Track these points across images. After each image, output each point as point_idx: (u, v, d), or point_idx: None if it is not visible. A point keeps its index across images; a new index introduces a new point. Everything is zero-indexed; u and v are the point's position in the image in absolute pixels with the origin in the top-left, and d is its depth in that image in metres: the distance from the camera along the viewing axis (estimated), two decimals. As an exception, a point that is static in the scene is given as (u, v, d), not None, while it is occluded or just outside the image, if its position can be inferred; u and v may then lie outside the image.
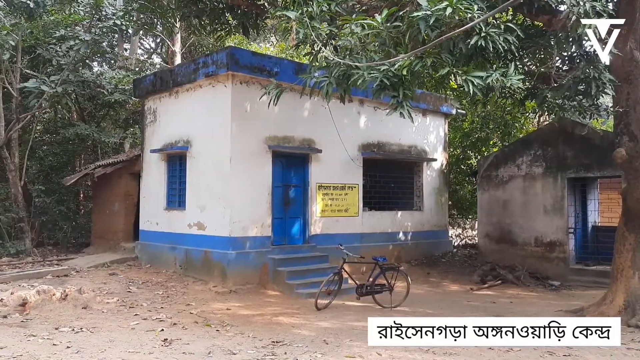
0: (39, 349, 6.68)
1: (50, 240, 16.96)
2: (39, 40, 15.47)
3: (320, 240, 12.73)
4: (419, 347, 7.08)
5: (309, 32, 6.99)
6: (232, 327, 8.31)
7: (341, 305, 10.04)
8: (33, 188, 16.64)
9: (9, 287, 10.32)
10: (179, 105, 13.18)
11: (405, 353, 6.85)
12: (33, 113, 15.39)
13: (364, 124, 14.11)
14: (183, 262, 12.41)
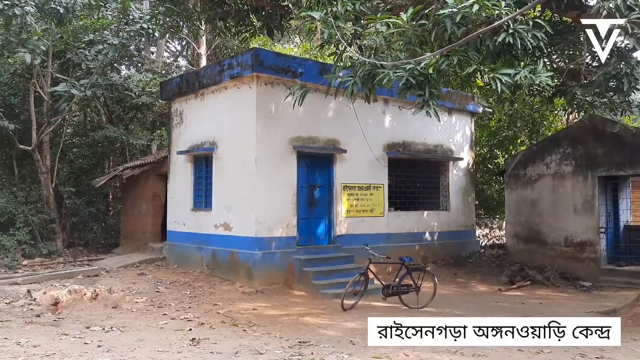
0: (71, 347, 6.82)
1: (81, 240, 17.28)
2: (68, 45, 15.80)
3: (345, 241, 12.70)
4: (447, 348, 7.01)
5: (333, 32, 6.98)
6: (258, 327, 8.36)
7: (367, 306, 10.00)
8: (64, 190, 16.99)
9: (41, 286, 10.56)
10: (205, 107, 13.31)
11: (432, 354, 6.79)
12: (63, 116, 15.73)
13: (388, 124, 14.03)
14: (210, 263, 12.53)
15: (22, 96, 16.43)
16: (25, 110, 16.01)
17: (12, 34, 13.87)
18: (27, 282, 11.08)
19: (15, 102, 16.47)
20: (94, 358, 6.31)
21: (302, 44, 23.34)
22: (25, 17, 13.45)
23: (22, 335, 7.37)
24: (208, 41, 22.43)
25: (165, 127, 19.21)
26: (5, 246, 13.70)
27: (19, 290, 10.31)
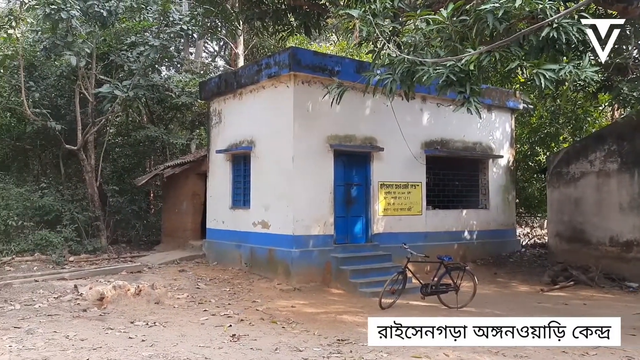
0: (116, 341, 7.02)
1: (124, 238, 17.76)
2: (111, 47, 16.23)
3: (383, 239, 12.65)
4: (488, 349, 6.93)
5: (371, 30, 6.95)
6: (297, 324, 8.41)
7: (405, 305, 9.94)
8: (107, 188, 17.47)
9: (87, 282, 10.91)
10: (243, 106, 13.47)
11: (473, 354, 6.71)
12: (107, 117, 16.17)
13: (426, 121, 13.90)
14: (248, 260, 12.68)
15: (68, 98, 16.98)
16: (71, 111, 16.53)
17: (59, 37, 14.35)
18: (73, 278, 11.46)
19: (61, 104, 17.05)
20: (138, 352, 6.47)
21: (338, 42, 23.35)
22: (70, 21, 13.90)
23: (70, 329, 7.63)
24: (245, 41, 22.68)
25: (204, 127, 19.55)
26: (53, 243, 14.19)
27: (67, 286, 10.68)
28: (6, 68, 15.40)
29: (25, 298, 9.74)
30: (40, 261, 13.48)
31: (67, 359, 6.15)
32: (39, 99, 15.77)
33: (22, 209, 14.80)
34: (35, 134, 16.95)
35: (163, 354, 6.38)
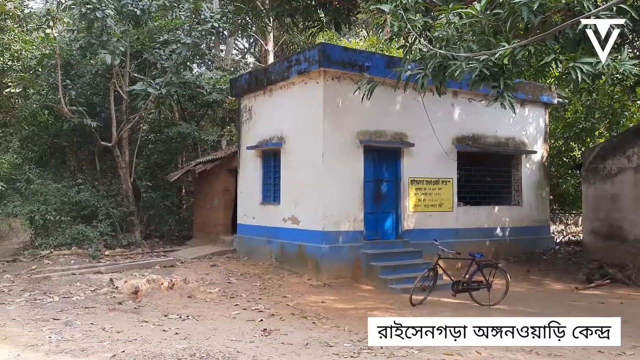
0: (151, 334, 7.18)
1: (157, 232, 18.08)
2: (144, 46, 16.51)
3: (413, 236, 12.57)
4: (521, 347, 6.83)
5: (403, 25, 6.90)
6: (327, 319, 8.44)
7: (436, 302, 9.86)
8: (141, 184, 17.83)
9: (122, 275, 11.15)
10: (273, 102, 13.54)
11: (506, 352, 6.63)
12: (140, 114, 16.46)
13: (458, 116, 13.73)
14: (278, 255, 12.77)
15: (103, 95, 17.36)
16: (106, 108, 16.89)
17: (94, 36, 14.67)
18: (109, 271, 11.74)
19: (96, 101, 17.44)
20: (172, 345, 6.60)
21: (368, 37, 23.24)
22: (105, 20, 14.19)
23: (107, 321, 7.83)
24: (275, 38, 22.78)
25: (234, 123, 19.73)
26: (89, 237, 14.56)
27: (102, 279, 10.94)
28: (44, 67, 15.81)
29: (64, 291, 10.03)
30: (77, 255, 13.85)
31: (104, 350, 6.30)
32: (76, 97, 16.16)
33: (59, 204, 15.23)
34: (72, 131, 17.40)
35: (196, 347, 6.49)
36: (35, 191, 15.58)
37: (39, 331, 7.16)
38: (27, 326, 7.46)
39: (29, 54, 16.52)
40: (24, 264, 13.08)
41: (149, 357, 6.06)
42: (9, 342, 6.61)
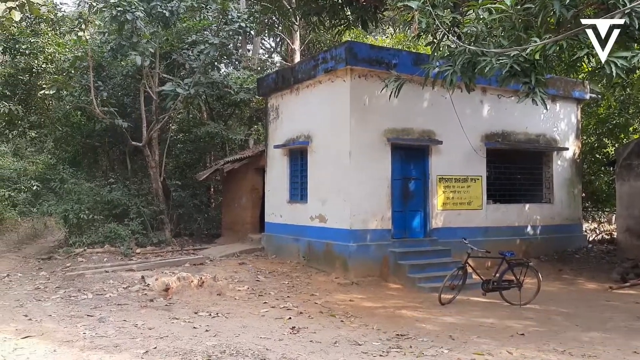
0: (181, 331, 7.29)
1: (186, 231, 18.32)
2: (173, 46, 16.74)
3: (441, 234, 12.46)
4: (554, 349, 6.70)
5: (431, 21, 6.83)
6: (355, 318, 8.43)
7: (466, 301, 9.75)
8: (170, 183, 18.08)
9: (153, 273, 11.34)
10: (300, 101, 13.58)
11: (538, 353, 6.51)
12: (170, 114, 16.70)
13: (487, 113, 13.54)
14: (306, 254, 12.80)
15: (133, 96, 17.67)
16: (136, 109, 17.19)
17: (124, 38, 14.94)
18: (140, 269, 11.94)
19: (127, 102, 17.77)
20: (202, 342, 6.69)
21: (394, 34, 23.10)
22: (135, 22, 14.43)
23: (139, 318, 7.98)
24: (301, 36, 22.81)
25: (261, 122, 19.86)
26: (121, 235, 14.85)
27: (134, 277, 11.14)
28: (76, 69, 16.17)
29: (97, 288, 10.25)
30: (110, 253, 14.13)
31: (136, 346, 6.43)
32: (107, 98, 16.49)
33: (92, 203, 15.55)
34: (103, 132, 17.76)
35: (226, 344, 6.56)
36: (69, 190, 15.95)
37: (74, 327, 7.34)
38: (62, 322, 7.65)
39: (62, 57, 16.94)
40: (59, 262, 13.42)
41: (180, 353, 6.15)
42: (46, 337, 6.79)
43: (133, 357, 6.05)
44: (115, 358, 6.00)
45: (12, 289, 10.26)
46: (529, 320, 8.51)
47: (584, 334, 7.63)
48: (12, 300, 9.14)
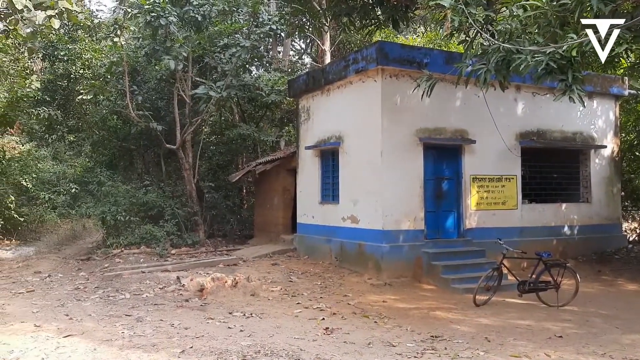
0: (216, 331, 7.39)
1: (220, 232, 18.54)
2: (205, 50, 16.96)
3: (475, 235, 12.30)
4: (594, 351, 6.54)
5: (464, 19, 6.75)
6: (389, 319, 8.40)
7: (501, 302, 9.60)
8: (204, 185, 18.32)
9: (188, 274, 11.52)
10: (331, 102, 13.60)
11: (577, 356, 6.38)
12: (203, 117, 16.94)
13: (521, 111, 13.30)
14: (338, 254, 12.81)
15: (167, 100, 17.99)
16: (170, 112, 17.49)
17: (158, 43, 15.24)
18: (176, 270, 12.15)
19: (161, 105, 18.09)
20: (237, 342, 6.77)
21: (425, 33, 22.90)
22: (169, 27, 14.71)
23: (175, 318, 8.12)
24: (331, 37, 22.83)
25: (292, 124, 19.95)
26: (157, 236, 15.13)
27: (170, 277, 11.35)
28: (112, 74, 16.56)
29: (134, 288, 10.48)
30: (146, 253, 14.42)
31: (173, 346, 6.55)
32: (142, 102, 16.81)
33: (129, 205, 15.90)
34: (139, 135, 18.13)
35: (260, 344, 6.63)
36: (106, 193, 16.35)
37: (113, 326, 7.53)
38: (101, 322, 7.85)
39: (99, 62, 17.35)
40: (97, 262, 13.77)
41: (215, 353, 6.24)
42: (86, 336, 6.98)
43: (170, 356, 6.16)
44: (152, 357, 6.12)
45: (54, 289, 10.58)
46: (567, 322, 8.34)
47: (624, 336, 7.44)
48: (54, 300, 9.43)
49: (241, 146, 19.99)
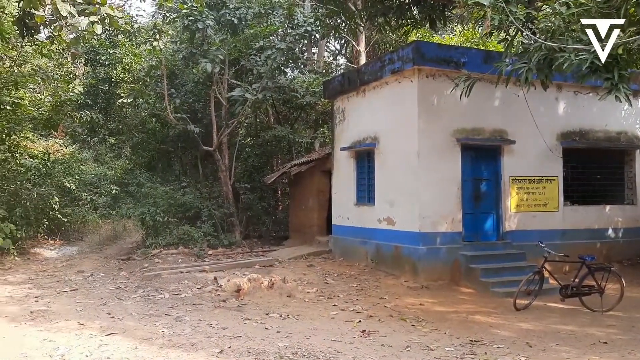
0: (254, 331, 7.44)
1: (255, 233, 18.72)
2: (241, 53, 17.17)
3: (515, 237, 12.03)
4: (642, 359, 6.31)
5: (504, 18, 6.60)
6: (427, 322, 8.29)
7: (543, 307, 9.37)
8: (239, 186, 18.53)
9: (225, 274, 11.66)
10: (366, 103, 13.54)
11: (625, 364, 6.15)
12: (238, 119, 17.13)
13: (562, 111, 12.95)
14: (374, 256, 12.73)
15: (204, 102, 18.27)
16: (207, 114, 17.76)
17: (195, 46, 15.49)
18: (213, 270, 12.31)
19: (198, 108, 18.40)
20: (274, 343, 6.80)
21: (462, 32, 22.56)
22: (206, 30, 14.92)
23: (213, 318, 8.22)
24: (367, 38, 22.74)
25: (327, 125, 19.97)
26: (194, 237, 15.38)
27: (207, 277, 11.50)
28: (151, 77, 16.93)
29: (173, 288, 10.66)
30: (184, 254, 14.67)
31: (212, 345, 6.63)
32: (179, 105, 17.14)
33: (167, 206, 16.22)
34: (176, 137, 18.49)
35: (297, 346, 6.64)
36: (145, 194, 16.71)
37: (153, 325, 7.67)
38: (142, 321, 8.01)
39: (138, 66, 17.77)
40: (137, 262, 14.08)
41: (253, 353, 6.29)
42: (127, 335, 7.13)
43: (209, 355, 6.24)
44: (192, 356, 6.21)
45: (96, 287, 10.87)
46: (612, 327, 8.07)
47: (674, 343, 7.14)
48: (97, 299, 9.68)
49: (276, 148, 20.13)
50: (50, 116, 16.20)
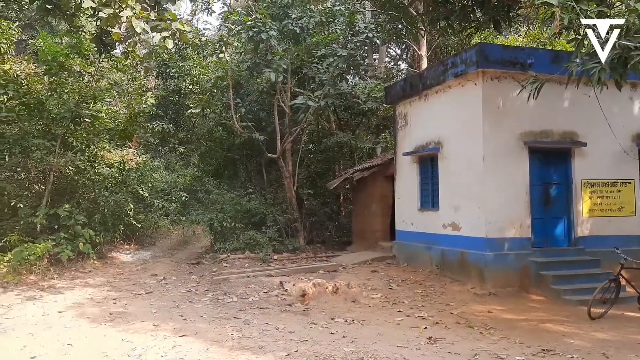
0: (319, 336, 7.55)
1: (318, 238, 18.89)
2: (303, 61, 17.45)
3: (588, 243, 11.53)
4: None
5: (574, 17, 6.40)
6: (495, 330, 8.12)
7: (620, 316, 8.94)
8: (303, 192, 18.79)
9: (290, 279, 11.85)
10: (429, 107, 13.42)
11: None
12: (301, 126, 17.41)
13: (638, 111, 12.32)
14: (439, 262, 12.56)
15: (268, 111, 18.71)
16: (271, 122, 18.16)
17: (259, 57, 15.91)
18: (278, 275, 12.56)
19: (262, 116, 18.85)
20: (340, 347, 6.87)
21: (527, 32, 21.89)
22: (269, 41, 15.30)
23: (279, 322, 8.40)
24: (428, 42, 22.50)
25: (388, 130, 19.89)
26: (260, 242, 15.74)
27: (273, 282, 11.75)
28: (218, 88, 17.51)
29: (241, 291, 10.97)
30: (250, 259, 15.04)
31: (279, 349, 6.79)
32: (245, 114, 17.63)
33: (234, 212, 16.70)
34: (242, 145, 19.02)
35: (363, 351, 6.68)
36: (213, 201, 17.29)
37: (223, 328, 7.94)
38: (212, 323, 8.32)
39: (205, 78, 18.44)
40: (206, 266, 14.57)
41: (319, 357, 6.40)
42: (199, 337, 7.43)
43: (276, 358, 6.41)
44: (260, 359, 6.39)
45: (169, 291, 11.35)
46: (697, 340, 7.59)
47: None
48: (169, 301, 10.12)
49: (338, 154, 20.28)
50: (125, 127, 17.09)
